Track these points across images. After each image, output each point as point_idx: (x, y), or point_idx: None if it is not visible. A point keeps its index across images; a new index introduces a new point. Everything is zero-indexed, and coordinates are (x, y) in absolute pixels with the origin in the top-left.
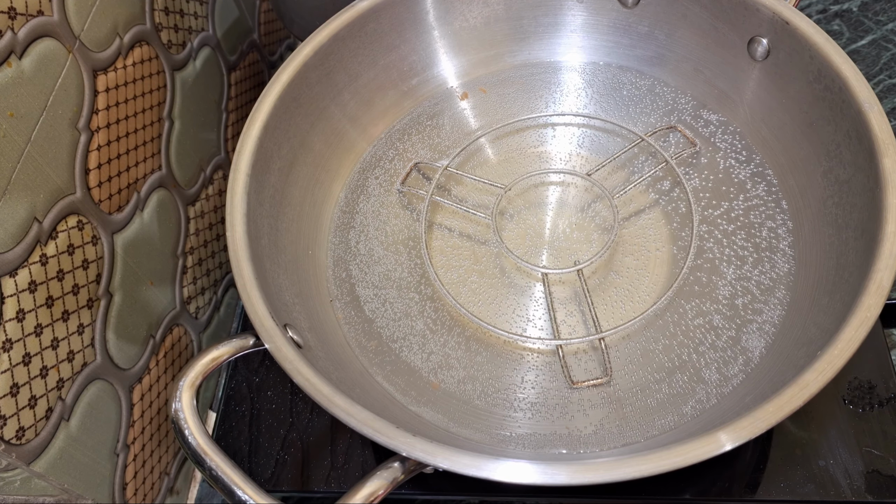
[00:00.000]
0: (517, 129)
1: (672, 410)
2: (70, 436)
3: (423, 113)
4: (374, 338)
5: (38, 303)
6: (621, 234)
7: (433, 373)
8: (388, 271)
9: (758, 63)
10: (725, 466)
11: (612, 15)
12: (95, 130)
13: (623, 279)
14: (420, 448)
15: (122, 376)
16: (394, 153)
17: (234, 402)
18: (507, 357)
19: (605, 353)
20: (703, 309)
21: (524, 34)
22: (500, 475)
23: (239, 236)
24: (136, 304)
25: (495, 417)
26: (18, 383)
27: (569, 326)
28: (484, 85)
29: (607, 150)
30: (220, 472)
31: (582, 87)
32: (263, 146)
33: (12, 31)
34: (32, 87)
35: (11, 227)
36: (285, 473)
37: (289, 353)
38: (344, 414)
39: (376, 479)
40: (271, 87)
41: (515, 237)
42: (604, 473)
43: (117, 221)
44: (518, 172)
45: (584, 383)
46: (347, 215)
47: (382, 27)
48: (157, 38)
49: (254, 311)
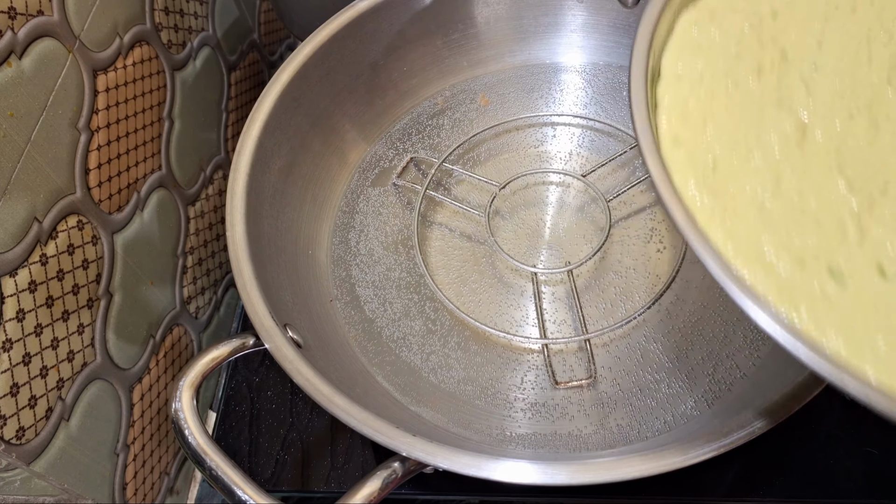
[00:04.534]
0: (516, 127)
1: (672, 410)
2: (70, 436)
3: (423, 113)
4: (374, 338)
5: (38, 303)
6: (619, 235)
7: (433, 373)
8: (388, 271)
9: None
10: (726, 466)
11: (612, 15)
12: (95, 130)
13: (621, 279)
14: (420, 448)
15: (122, 376)
16: (394, 153)
17: (234, 402)
18: (507, 357)
19: (590, 354)
20: (703, 308)
21: (524, 34)
22: (499, 475)
23: (239, 236)
24: (136, 303)
25: (495, 417)
26: (18, 383)
27: (559, 326)
28: (484, 85)
29: (606, 150)
30: (220, 471)
31: (582, 87)
32: (263, 146)
33: (12, 31)
34: (32, 87)
35: (11, 227)
36: (285, 473)
37: (289, 353)
38: (344, 414)
39: (376, 478)
40: (271, 87)
41: (511, 236)
42: (604, 473)
43: (117, 221)
44: (515, 171)
45: (567, 384)
46: (347, 215)
47: (382, 27)
48: (157, 37)
49: (254, 311)
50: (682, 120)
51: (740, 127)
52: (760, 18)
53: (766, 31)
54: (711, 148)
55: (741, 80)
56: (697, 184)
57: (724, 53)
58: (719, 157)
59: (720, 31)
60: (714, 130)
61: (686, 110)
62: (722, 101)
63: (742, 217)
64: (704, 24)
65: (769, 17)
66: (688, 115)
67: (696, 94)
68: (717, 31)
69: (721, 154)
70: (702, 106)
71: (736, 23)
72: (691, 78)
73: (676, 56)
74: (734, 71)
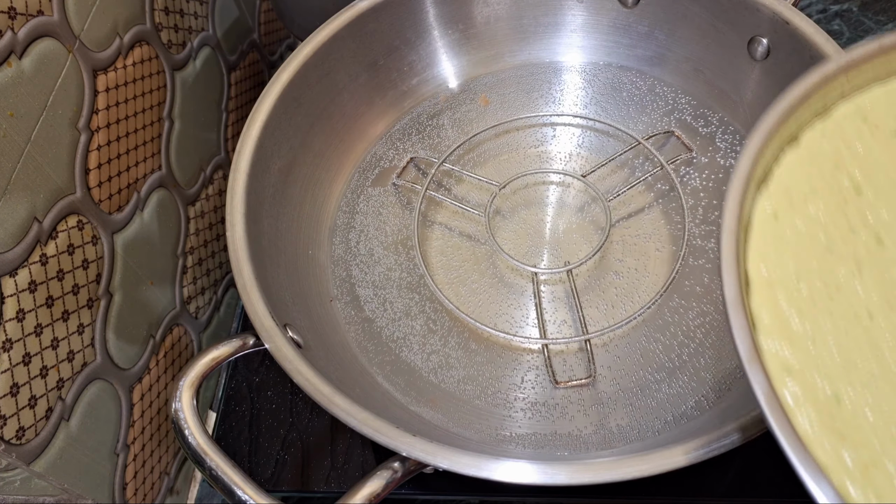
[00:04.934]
0: (516, 127)
1: (672, 410)
2: (70, 436)
3: (423, 113)
4: (374, 338)
5: (38, 303)
6: (619, 235)
7: (433, 373)
8: (388, 271)
9: (758, 63)
10: (726, 466)
11: (612, 15)
12: (95, 130)
13: (623, 279)
14: (420, 448)
15: (122, 376)
16: (394, 153)
17: (234, 402)
18: (507, 357)
19: (590, 354)
20: (704, 309)
21: (524, 34)
22: (500, 475)
23: (239, 236)
24: (136, 303)
25: (495, 417)
26: (18, 383)
27: (559, 326)
28: (483, 86)
29: (606, 150)
30: (220, 471)
31: (582, 87)
32: (263, 146)
33: (12, 31)
34: (32, 87)
35: (11, 227)
36: (285, 473)
37: (289, 353)
38: (344, 414)
39: (376, 479)
40: (271, 88)
41: (512, 236)
42: (604, 473)
43: (117, 221)
44: (515, 171)
45: (567, 383)
46: (347, 215)
47: (382, 27)
48: (157, 37)
49: (254, 311)
50: (788, 341)
51: (854, 344)
52: (844, 197)
53: (853, 211)
54: (828, 375)
55: (841, 280)
56: (823, 426)
57: (813, 246)
58: (840, 388)
59: (803, 219)
60: (825, 351)
61: (790, 328)
62: (825, 311)
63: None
64: (785, 212)
65: (853, 194)
66: (793, 336)
67: (797, 305)
68: (800, 219)
69: (840, 382)
70: (806, 320)
71: (818, 206)
72: (786, 284)
73: (761, 255)
74: (830, 270)
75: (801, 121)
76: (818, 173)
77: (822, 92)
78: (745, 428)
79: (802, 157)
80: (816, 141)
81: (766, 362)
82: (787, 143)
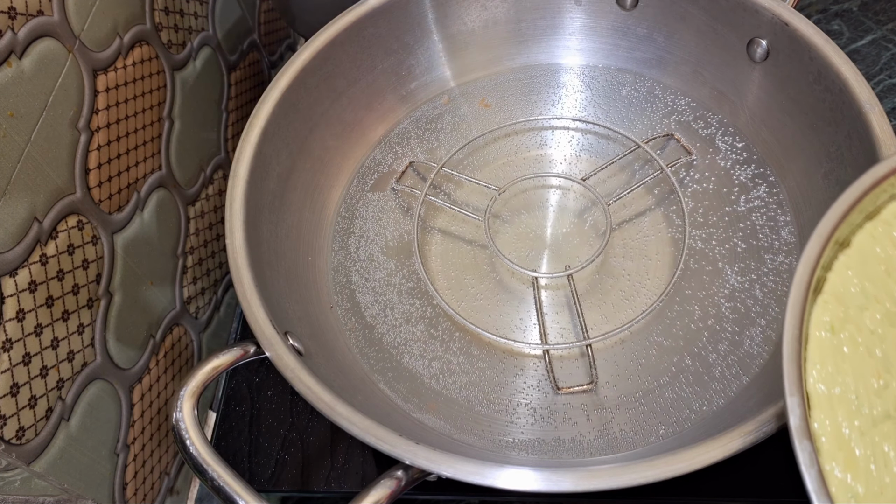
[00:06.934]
0: (516, 131)
1: (675, 415)
2: (70, 436)
3: (422, 117)
4: (375, 344)
5: (38, 303)
6: (620, 238)
7: (435, 379)
8: (388, 277)
9: (757, 64)
10: (726, 466)
11: (611, 17)
12: (95, 130)
13: (624, 282)
14: (423, 456)
15: (122, 376)
16: (393, 157)
17: (234, 403)
18: (509, 362)
19: (591, 359)
20: (705, 312)
21: (523, 37)
22: (503, 482)
23: (238, 244)
24: (136, 304)
25: (498, 423)
26: (18, 383)
27: (560, 331)
28: (483, 90)
29: (606, 153)
30: (223, 482)
31: (581, 90)
32: (262, 152)
33: (12, 31)
34: (32, 87)
35: (11, 227)
36: (285, 473)
37: (290, 362)
38: (346, 422)
39: (380, 487)
40: (269, 93)
41: (512, 240)
42: (608, 480)
43: (117, 221)
44: (515, 175)
45: (569, 389)
46: (347, 221)
47: (381, 31)
48: (157, 37)
49: (254, 319)
50: (851, 468)
51: None
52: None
53: None
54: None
55: None
56: None
57: (871, 365)
58: None
59: (860, 331)
60: (888, 476)
61: (851, 453)
62: (889, 437)
63: None
64: (840, 324)
65: None
66: (856, 462)
67: (859, 428)
68: (857, 330)
69: None
70: (868, 443)
71: (874, 317)
72: (845, 404)
73: (820, 372)
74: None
75: (853, 224)
76: (870, 279)
77: (874, 193)
78: (749, 433)
79: (854, 261)
80: (867, 243)
81: (831, 492)
82: (839, 247)
